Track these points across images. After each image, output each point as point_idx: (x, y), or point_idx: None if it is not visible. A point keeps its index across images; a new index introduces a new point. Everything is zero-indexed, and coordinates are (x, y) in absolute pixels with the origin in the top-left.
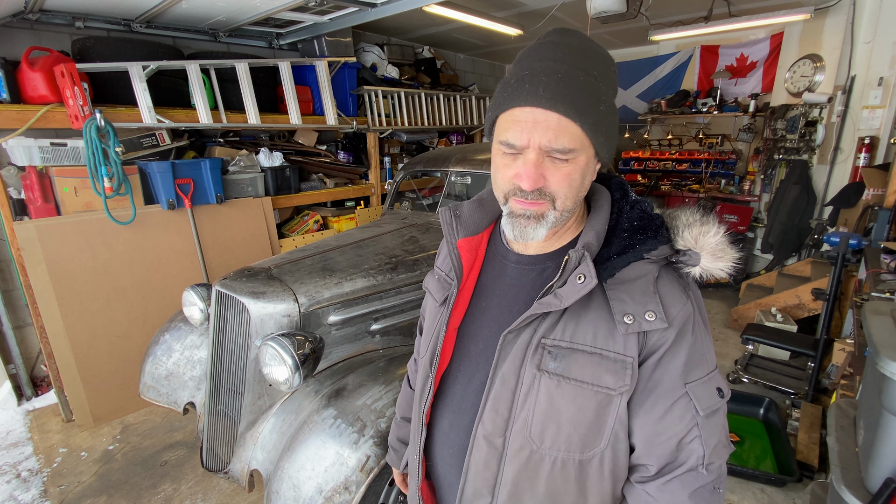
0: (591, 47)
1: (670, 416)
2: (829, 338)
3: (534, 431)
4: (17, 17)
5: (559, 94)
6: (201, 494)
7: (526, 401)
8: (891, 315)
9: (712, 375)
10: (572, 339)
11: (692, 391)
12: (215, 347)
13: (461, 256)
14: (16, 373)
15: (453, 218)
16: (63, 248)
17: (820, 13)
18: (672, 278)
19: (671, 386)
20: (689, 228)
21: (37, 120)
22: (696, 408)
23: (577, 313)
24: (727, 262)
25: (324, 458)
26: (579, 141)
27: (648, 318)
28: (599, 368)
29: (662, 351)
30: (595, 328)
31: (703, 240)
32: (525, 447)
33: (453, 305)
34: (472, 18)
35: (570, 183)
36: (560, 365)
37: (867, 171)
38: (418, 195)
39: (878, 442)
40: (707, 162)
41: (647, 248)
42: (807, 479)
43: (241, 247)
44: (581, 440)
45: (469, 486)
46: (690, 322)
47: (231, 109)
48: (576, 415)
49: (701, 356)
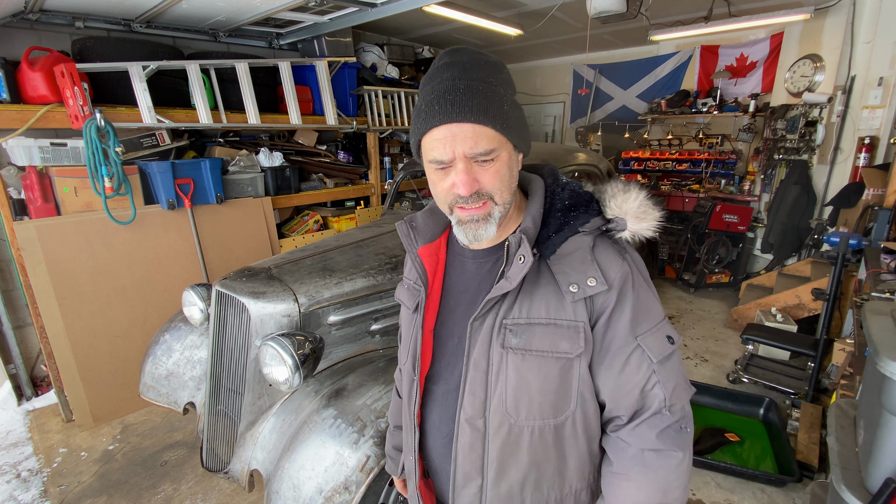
0: (479, 59)
1: (628, 368)
2: (829, 338)
3: (509, 406)
4: (17, 17)
5: (466, 106)
6: (201, 494)
7: (498, 379)
8: (891, 315)
9: (660, 325)
10: (529, 315)
11: (643, 342)
12: (215, 347)
13: (424, 263)
14: (16, 373)
15: (410, 229)
16: (63, 248)
17: (820, 13)
18: (607, 245)
19: (623, 342)
20: (613, 198)
21: (37, 120)
22: (650, 357)
23: (530, 292)
24: (651, 221)
25: (324, 458)
26: (496, 140)
27: (590, 284)
28: (556, 337)
29: (609, 311)
30: (547, 302)
31: (625, 206)
32: (504, 423)
33: (425, 309)
34: (472, 18)
35: (501, 178)
36: (521, 340)
37: (867, 171)
38: (418, 195)
39: (878, 442)
40: (707, 162)
41: (580, 222)
42: (807, 479)
43: (241, 247)
44: (552, 406)
45: (459, 470)
46: (629, 281)
47: (231, 109)
48: (543, 383)
49: (646, 310)
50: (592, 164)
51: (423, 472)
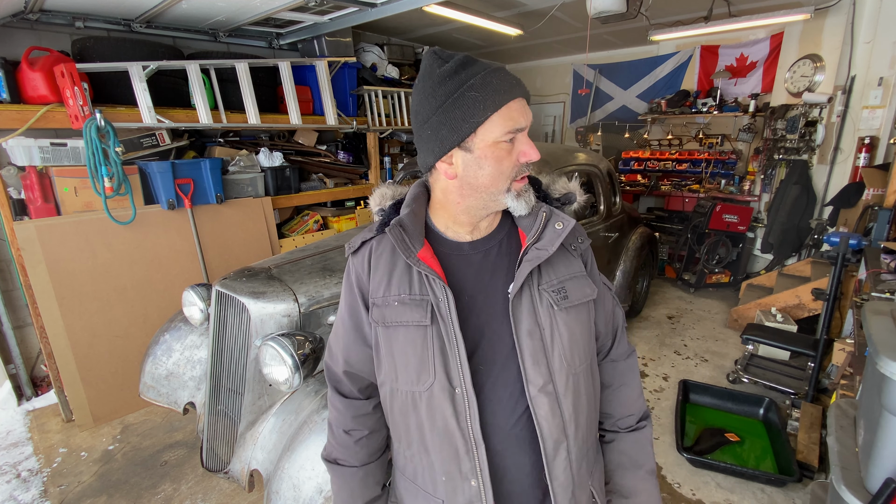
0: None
1: (606, 299)
2: (829, 338)
3: (567, 358)
4: (17, 17)
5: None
6: (201, 494)
7: (553, 339)
8: (891, 315)
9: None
10: (558, 276)
11: (604, 282)
12: (215, 347)
13: (429, 265)
14: (16, 373)
15: (403, 233)
16: (63, 248)
17: (820, 13)
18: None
19: (597, 280)
20: (554, 184)
21: (37, 120)
22: (606, 285)
23: (547, 260)
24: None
25: None
26: None
27: (581, 242)
28: (581, 286)
29: (590, 259)
30: (563, 262)
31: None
32: (569, 378)
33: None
34: (472, 18)
35: None
36: (563, 297)
37: (867, 171)
38: None
39: (878, 442)
40: (707, 162)
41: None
42: (807, 479)
43: (241, 247)
44: (588, 346)
45: (548, 441)
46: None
47: (231, 109)
48: (583, 329)
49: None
50: (592, 164)
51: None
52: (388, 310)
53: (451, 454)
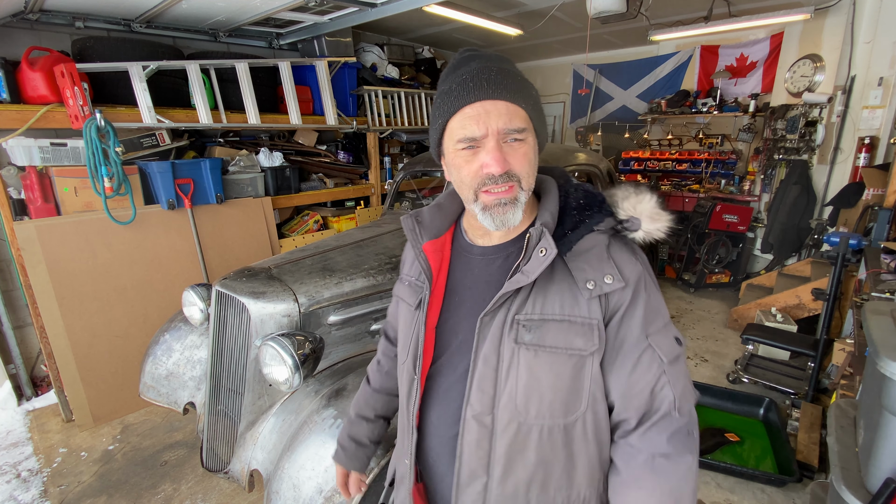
0: (502, 56)
1: (640, 367)
2: (829, 338)
3: (519, 403)
4: (17, 17)
5: (501, 85)
6: (201, 494)
7: (508, 375)
8: (891, 315)
9: (668, 325)
10: (542, 312)
11: (654, 342)
12: (215, 347)
13: (428, 259)
14: (16, 373)
15: (416, 224)
16: (63, 248)
17: (820, 13)
18: (621, 244)
19: (635, 340)
20: (626, 200)
21: (37, 120)
22: (660, 357)
23: (543, 288)
24: (664, 223)
25: (324, 458)
26: (527, 122)
27: (607, 281)
28: (570, 333)
29: (623, 309)
30: (561, 298)
31: (640, 207)
32: (513, 420)
33: (428, 306)
34: (472, 18)
35: (529, 161)
36: (535, 336)
37: (867, 171)
38: (418, 195)
39: (878, 442)
40: (707, 162)
41: (595, 221)
42: (807, 479)
43: (241, 247)
44: (563, 405)
45: (464, 468)
46: (643, 280)
47: (231, 109)
48: (555, 381)
49: (656, 310)
50: (592, 164)
51: (417, 477)
52: (400, 286)
53: (404, 427)
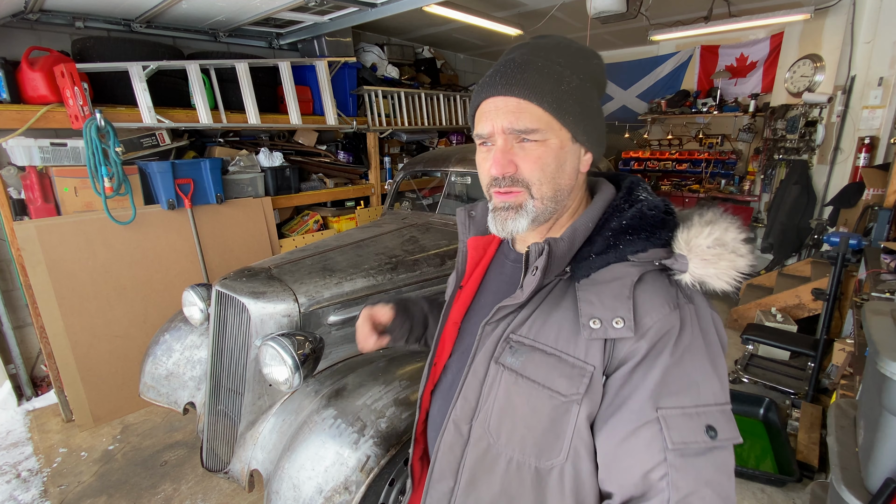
0: (562, 42)
1: (634, 440)
2: (829, 338)
3: (492, 424)
4: (17, 17)
5: (514, 79)
6: (201, 494)
7: (489, 393)
8: (891, 315)
9: (704, 410)
10: (535, 337)
11: (666, 418)
12: (215, 347)
13: (468, 254)
14: (16, 373)
15: (467, 217)
16: (63, 248)
17: (820, 13)
18: (659, 285)
19: (638, 406)
20: (688, 229)
21: (37, 120)
22: (665, 439)
23: (547, 311)
24: (724, 269)
25: (324, 458)
26: (544, 121)
27: (616, 325)
28: (554, 371)
29: (632, 364)
30: (559, 329)
31: (694, 241)
32: (483, 438)
33: (455, 300)
34: (472, 18)
35: (543, 167)
36: (517, 361)
37: (867, 171)
38: (418, 195)
39: (878, 442)
40: (707, 162)
41: (632, 249)
42: (807, 479)
43: (241, 247)
44: (536, 445)
45: (437, 465)
46: (672, 337)
47: (231, 109)
48: (530, 416)
49: (688, 382)
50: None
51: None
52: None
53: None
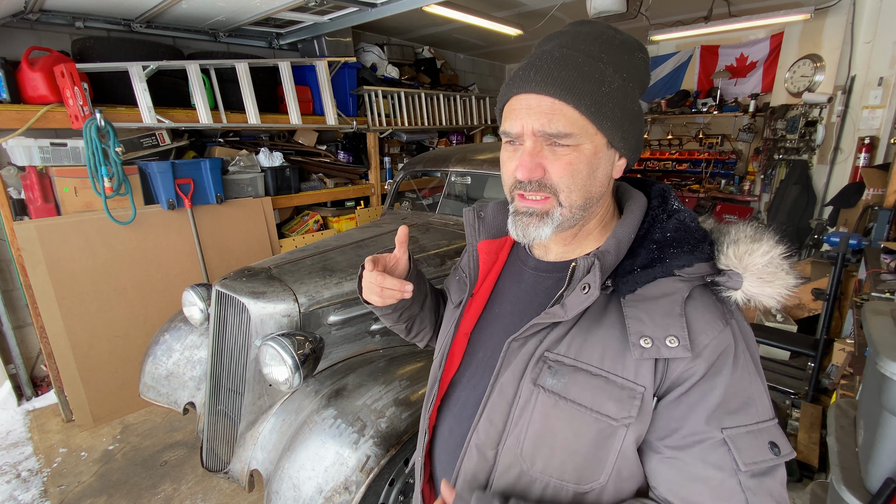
0: (605, 33)
1: (702, 464)
2: (829, 338)
3: (525, 450)
4: (17, 17)
5: (551, 76)
6: (201, 494)
7: (521, 416)
8: (891, 315)
9: (764, 426)
10: (577, 357)
11: (731, 439)
12: (215, 347)
13: (479, 259)
14: (16, 373)
15: (476, 219)
16: (63, 248)
17: (820, 13)
18: (708, 302)
19: (700, 429)
20: (734, 245)
21: (37, 120)
22: (735, 460)
23: (587, 328)
24: (779, 287)
25: (324, 458)
26: (578, 125)
27: (669, 344)
28: (602, 393)
29: (689, 384)
30: (604, 347)
31: (748, 259)
32: (515, 465)
33: (465, 309)
34: (472, 18)
35: (574, 173)
36: (559, 382)
37: (867, 171)
38: (418, 195)
39: (878, 442)
40: (707, 162)
41: (679, 263)
42: (807, 479)
43: (241, 247)
44: (576, 470)
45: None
46: (729, 355)
47: (231, 109)
48: (572, 441)
49: (746, 400)
50: None
51: (429, 476)
52: (451, 278)
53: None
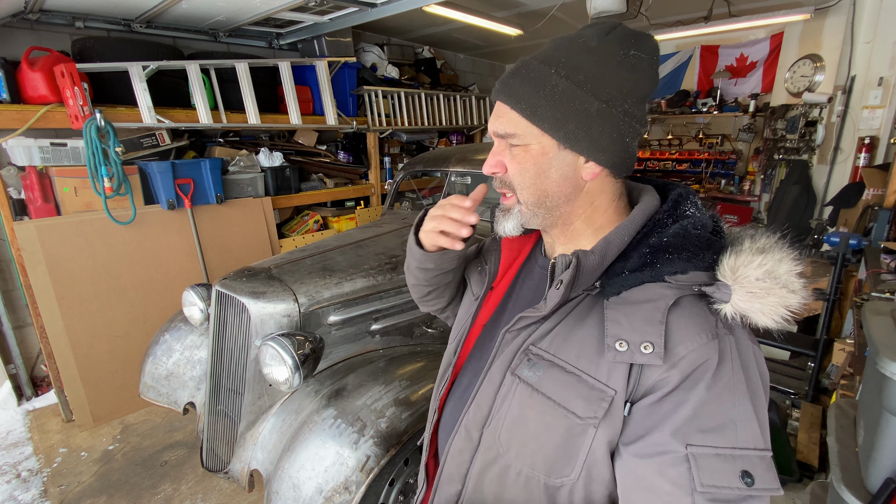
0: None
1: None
2: (829, 338)
3: (502, 436)
4: (17, 17)
5: (504, 84)
6: (201, 494)
7: (503, 403)
8: (891, 315)
9: (741, 454)
10: (556, 353)
11: (695, 457)
12: (215, 347)
13: (502, 253)
14: (16, 373)
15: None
16: (63, 248)
17: (820, 13)
18: (696, 312)
19: (664, 439)
20: (736, 255)
21: (37, 120)
22: (694, 479)
23: (571, 326)
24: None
25: (324, 458)
26: (521, 126)
27: (644, 350)
28: (572, 391)
29: (660, 394)
30: (581, 347)
31: (742, 271)
32: (493, 447)
33: (485, 300)
34: (472, 18)
35: (522, 171)
36: (534, 375)
37: (867, 171)
38: (418, 195)
39: (878, 442)
40: (707, 162)
41: (671, 269)
42: (807, 479)
43: (241, 247)
44: (546, 463)
45: (446, 468)
46: (708, 370)
47: (231, 109)
48: (542, 432)
49: (724, 421)
50: None
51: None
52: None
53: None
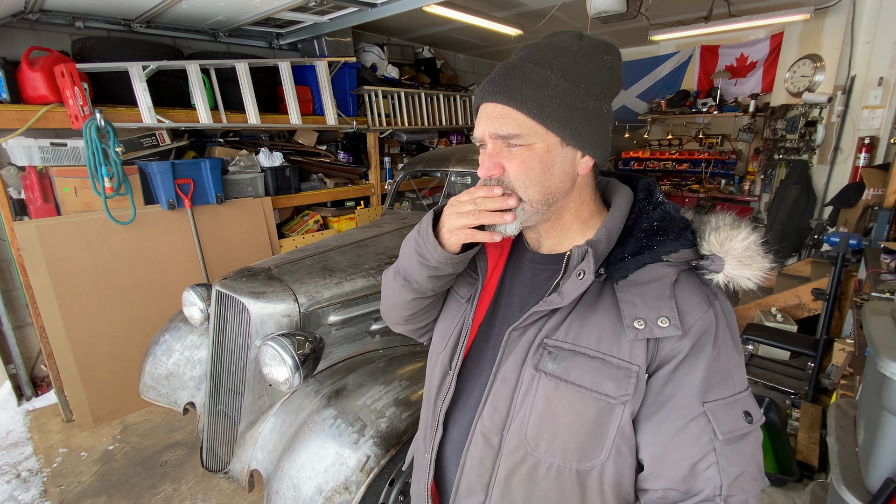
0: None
1: (683, 435)
2: (829, 338)
3: (529, 434)
4: (17, 17)
5: (500, 86)
6: (201, 494)
7: (524, 401)
8: (891, 315)
9: (739, 397)
10: (575, 341)
11: (711, 412)
12: (215, 347)
13: (487, 253)
14: (16, 373)
15: None
16: (63, 248)
17: (820, 13)
18: (693, 284)
19: (685, 402)
20: (716, 232)
21: (37, 120)
22: (714, 430)
23: (583, 314)
24: (756, 270)
25: (324, 458)
26: (526, 126)
27: (661, 325)
28: (600, 374)
29: (676, 362)
30: (600, 331)
31: (728, 244)
32: (520, 448)
33: (478, 303)
34: (472, 18)
35: (527, 170)
36: (559, 366)
37: (867, 171)
38: (418, 195)
39: (878, 442)
40: (707, 162)
41: (666, 249)
42: (807, 479)
43: (241, 247)
44: (578, 448)
45: (464, 481)
46: (711, 333)
47: (231, 109)
48: (573, 421)
49: (725, 374)
50: None
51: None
52: None
53: (428, 422)
